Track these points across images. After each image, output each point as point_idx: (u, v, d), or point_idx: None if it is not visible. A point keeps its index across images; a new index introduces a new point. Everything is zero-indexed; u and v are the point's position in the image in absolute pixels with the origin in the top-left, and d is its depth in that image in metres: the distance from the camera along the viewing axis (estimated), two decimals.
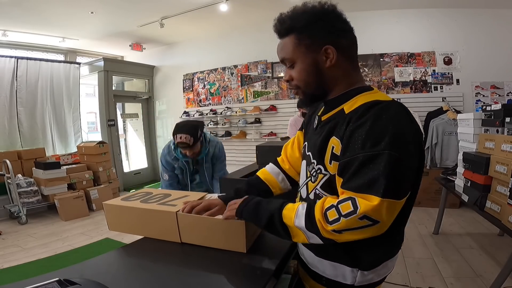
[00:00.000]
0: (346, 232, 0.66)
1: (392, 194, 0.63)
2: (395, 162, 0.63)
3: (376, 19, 4.27)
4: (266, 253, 0.97)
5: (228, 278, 0.87)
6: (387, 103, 0.71)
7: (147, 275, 0.87)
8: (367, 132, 0.66)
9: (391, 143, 0.64)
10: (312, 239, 0.71)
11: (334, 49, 0.74)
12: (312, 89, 0.80)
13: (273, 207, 0.78)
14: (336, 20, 0.75)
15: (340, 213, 0.65)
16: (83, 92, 5.85)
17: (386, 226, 0.65)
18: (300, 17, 0.75)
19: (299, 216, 0.72)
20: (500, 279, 1.80)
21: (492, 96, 3.92)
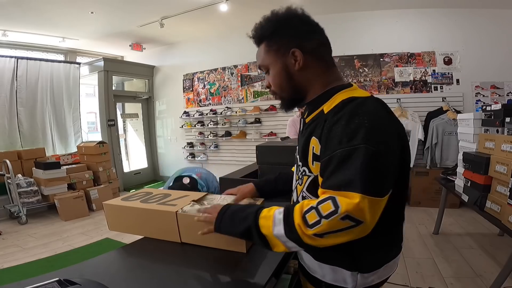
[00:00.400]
0: (328, 235, 0.62)
1: (373, 191, 0.61)
2: (372, 156, 0.62)
3: (376, 19, 4.27)
4: (266, 253, 0.97)
5: (228, 278, 0.87)
6: (363, 99, 0.71)
7: (147, 275, 0.87)
8: (343, 128, 0.66)
9: (367, 137, 0.63)
10: (292, 247, 0.69)
11: (300, 52, 0.76)
12: (287, 93, 0.83)
13: (248, 217, 0.75)
14: (300, 24, 0.77)
15: (321, 215, 0.62)
16: (83, 92, 5.85)
17: (370, 226, 0.63)
18: (267, 25, 0.80)
19: (277, 224, 0.69)
20: (500, 279, 1.80)
21: (492, 96, 3.92)
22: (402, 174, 0.73)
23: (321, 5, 4.11)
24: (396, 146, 0.68)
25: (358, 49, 4.35)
